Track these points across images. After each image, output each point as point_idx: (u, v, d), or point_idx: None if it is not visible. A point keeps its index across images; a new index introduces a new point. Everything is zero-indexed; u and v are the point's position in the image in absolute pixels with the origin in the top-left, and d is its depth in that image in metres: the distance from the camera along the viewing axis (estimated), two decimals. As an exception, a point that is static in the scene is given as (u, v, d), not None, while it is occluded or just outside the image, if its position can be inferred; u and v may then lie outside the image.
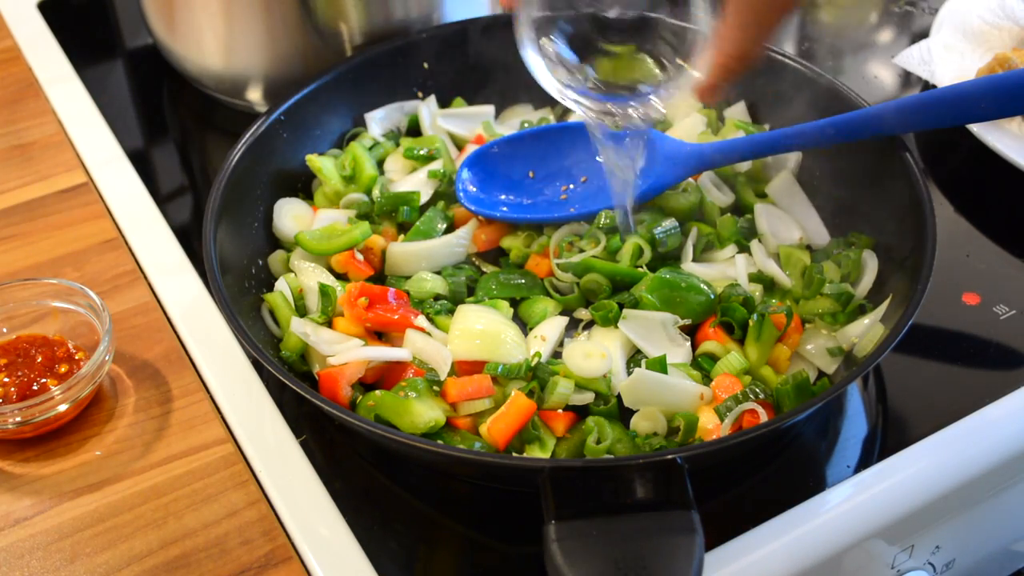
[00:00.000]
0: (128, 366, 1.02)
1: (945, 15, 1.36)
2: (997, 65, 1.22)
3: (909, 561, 0.97)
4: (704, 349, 0.98)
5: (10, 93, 1.35)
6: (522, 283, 1.05)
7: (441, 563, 0.90)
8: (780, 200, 1.11)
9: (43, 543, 0.89)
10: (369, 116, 1.19)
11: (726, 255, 1.06)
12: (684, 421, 0.91)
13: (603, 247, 1.04)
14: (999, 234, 1.14)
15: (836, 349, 0.98)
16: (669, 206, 1.08)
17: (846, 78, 1.36)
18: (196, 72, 1.28)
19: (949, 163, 1.24)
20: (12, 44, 1.42)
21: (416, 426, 0.90)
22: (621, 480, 0.78)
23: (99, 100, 1.32)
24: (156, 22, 1.28)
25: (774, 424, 0.84)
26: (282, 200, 1.11)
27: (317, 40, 1.21)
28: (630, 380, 0.93)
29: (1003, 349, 1.02)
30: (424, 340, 0.97)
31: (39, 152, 1.26)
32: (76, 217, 1.17)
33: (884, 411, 0.98)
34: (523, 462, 0.85)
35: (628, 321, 0.98)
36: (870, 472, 0.92)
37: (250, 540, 0.89)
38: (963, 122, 1.00)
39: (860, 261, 1.03)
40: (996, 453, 0.94)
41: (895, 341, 0.86)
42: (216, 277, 0.95)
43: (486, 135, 1.18)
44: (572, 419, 0.94)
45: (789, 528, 0.88)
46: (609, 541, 0.74)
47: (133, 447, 0.96)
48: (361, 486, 0.93)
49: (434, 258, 1.07)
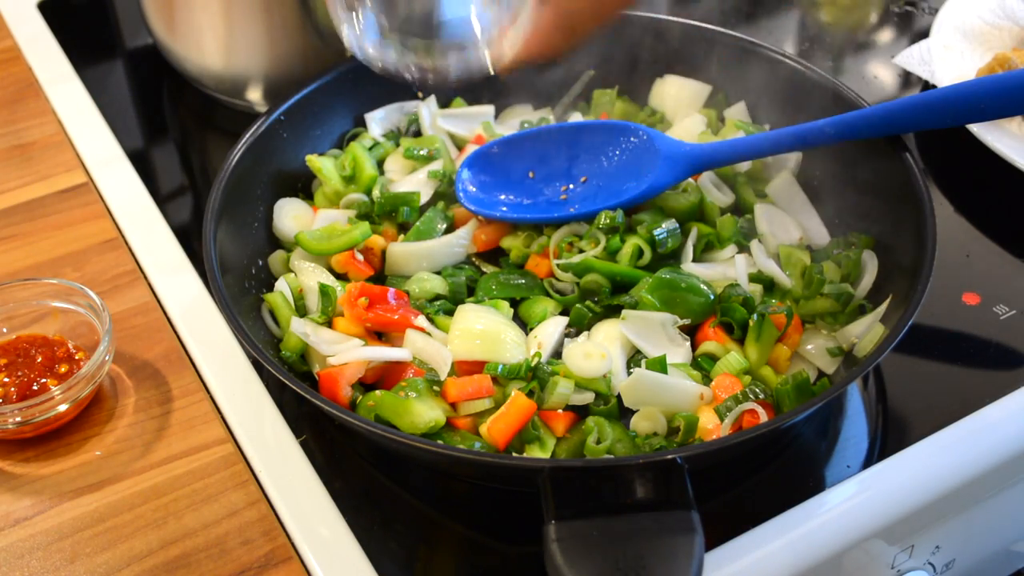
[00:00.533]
0: (128, 366, 1.02)
1: (945, 15, 1.36)
2: (997, 65, 1.22)
3: (909, 561, 0.97)
4: (704, 349, 0.98)
5: (10, 93, 1.35)
6: (522, 283, 1.05)
7: (441, 563, 0.90)
8: (780, 200, 1.11)
9: (43, 543, 0.89)
10: (369, 116, 1.19)
11: (726, 255, 1.06)
12: (684, 421, 0.91)
13: (603, 247, 1.04)
14: (999, 234, 1.14)
15: (836, 349, 0.98)
16: (669, 206, 1.08)
17: (846, 78, 1.36)
18: (196, 72, 1.28)
19: (949, 163, 1.24)
20: (12, 44, 1.42)
21: (416, 426, 0.90)
22: (621, 480, 0.78)
23: (99, 100, 1.32)
24: (156, 22, 1.28)
25: (774, 424, 0.84)
26: (282, 200, 1.11)
27: (317, 40, 1.21)
28: (630, 380, 0.93)
29: (1003, 349, 1.02)
30: (424, 340, 0.97)
31: (39, 152, 1.26)
32: (76, 217, 1.17)
33: (884, 411, 0.98)
34: (523, 462, 0.85)
35: (628, 322, 0.98)
36: (870, 472, 0.92)
37: (250, 540, 0.89)
38: (963, 122, 1.01)
39: (860, 261, 1.03)
40: (996, 453, 0.94)
41: (895, 341, 0.86)
42: (216, 277, 0.95)
43: (486, 135, 1.18)
44: (572, 419, 0.94)
45: (789, 528, 0.88)
46: (609, 541, 0.74)
47: (133, 447, 0.96)
48: (361, 486, 0.93)
49: (434, 258, 1.07)
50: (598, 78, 1.23)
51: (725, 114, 1.18)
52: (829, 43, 1.45)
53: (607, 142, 1.11)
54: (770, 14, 1.50)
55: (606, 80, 1.23)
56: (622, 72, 1.22)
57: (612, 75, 1.23)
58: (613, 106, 1.21)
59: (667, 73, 1.21)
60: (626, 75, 1.22)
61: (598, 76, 1.23)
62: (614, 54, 1.21)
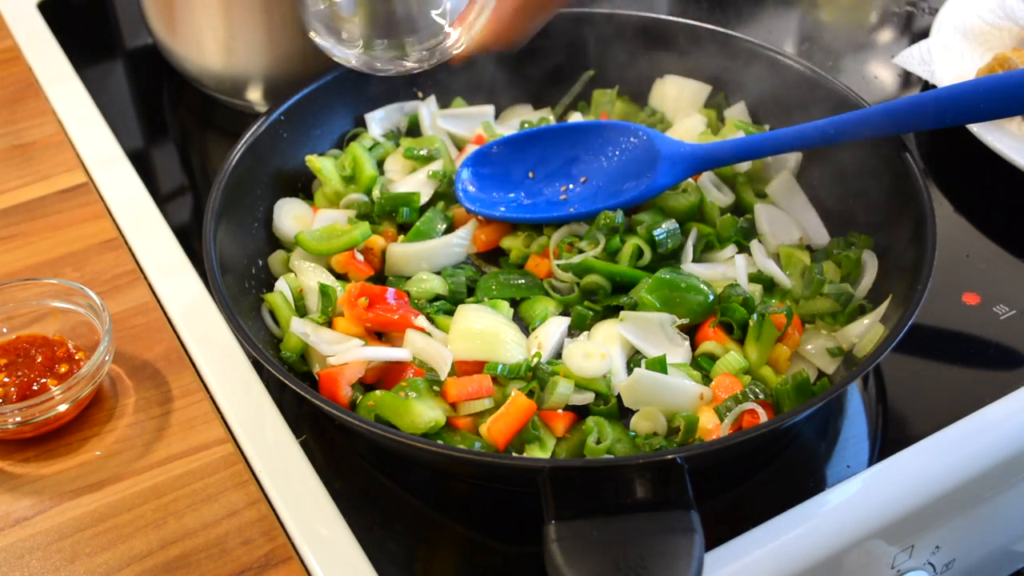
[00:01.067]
0: (128, 366, 1.02)
1: (945, 15, 1.36)
2: (997, 65, 1.22)
3: (909, 561, 0.97)
4: (704, 349, 0.98)
5: (10, 93, 1.35)
6: (522, 283, 1.05)
7: (441, 563, 0.90)
8: (780, 200, 1.11)
9: (43, 543, 0.89)
10: (369, 116, 1.19)
11: (726, 255, 1.06)
12: (684, 421, 0.91)
13: (602, 248, 1.04)
14: (999, 234, 1.14)
15: (836, 349, 0.98)
16: (669, 206, 1.08)
17: (846, 78, 1.36)
18: (196, 72, 1.28)
19: (949, 163, 1.24)
20: (12, 44, 1.42)
21: (416, 426, 0.90)
22: (621, 480, 0.78)
23: (99, 100, 1.32)
24: (156, 22, 1.28)
25: (774, 424, 0.84)
26: (282, 200, 1.11)
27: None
28: (630, 380, 0.93)
29: (1003, 349, 1.02)
30: (424, 340, 0.97)
31: (39, 152, 1.26)
32: (76, 217, 1.17)
33: (884, 411, 0.98)
34: (523, 462, 0.85)
35: (626, 323, 0.98)
36: (870, 472, 0.92)
37: (250, 540, 0.89)
38: (962, 122, 1.01)
39: (860, 261, 1.03)
40: (996, 453, 0.94)
41: (895, 341, 0.86)
42: (216, 277, 0.95)
43: (486, 135, 1.18)
44: (572, 419, 0.94)
45: (789, 528, 0.88)
46: (609, 541, 0.74)
47: (133, 447, 0.96)
48: (361, 486, 0.93)
49: (433, 258, 1.07)
50: (598, 78, 1.23)
51: (725, 114, 1.18)
52: (829, 43, 1.45)
53: (607, 142, 1.11)
54: (770, 14, 1.50)
55: (606, 80, 1.23)
56: (622, 72, 1.22)
57: (612, 75, 1.23)
58: (613, 106, 1.21)
59: (667, 73, 1.21)
60: (626, 75, 1.22)
61: (598, 76, 1.23)
62: (614, 54, 1.21)
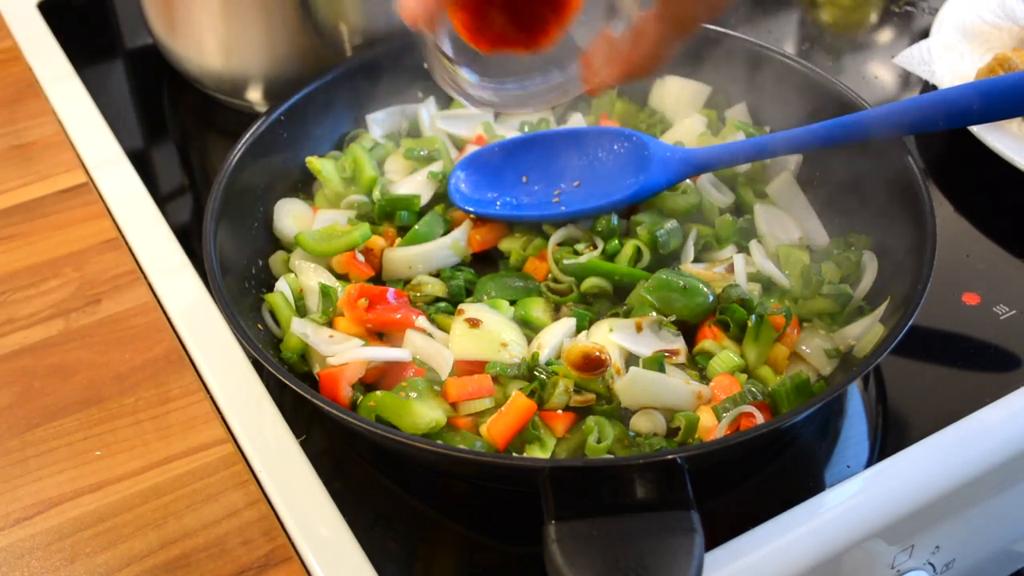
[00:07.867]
0: (128, 366, 1.02)
1: (945, 15, 1.36)
2: (997, 65, 1.22)
3: (909, 561, 0.97)
4: (701, 348, 0.98)
5: (10, 93, 1.35)
6: (520, 286, 1.05)
7: (441, 563, 0.90)
8: (780, 201, 1.11)
9: (43, 543, 0.89)
10: (370, 118, 1.19)
11: (725, 256, 1.06)
12: (684, 421, 0.91)
13: (600, 251, 1.04)
14: (999, 234, 1.14)
15: (833, 351, 0.97)
16: (668, 207, 1.08)
17: (846, 78, 1.36)
18: (196, 72, 1.28)
19: (949, 163, 1.24)
20: (12, 44, 1.42)
21: (417, 426, 0.90)
22: (621, 480, 0.78)
23: (99, 100, 1.32)
24: (156, 22, 1.28)
25: (775, 424, 0.84)
26: (282, 200, 1.11)
27: (317, 40, 1.21)
28: (626, 379, 0.93)
29: (1003, 349, 1.02)
30: (424, 340, 0.97)
31: (39, 152, 1.26)
32: (76, 217, 1.17)
33: (884, 412, 0.98)
34: (523, 462, 0.85)
35: (616, 332, 0.98)
36: (870, 472, 0.92)
37: (250, 540, 0.89)
38: (959, 125, 1.01)
39: (860, 262, 1.03)
40: (996, 453, 0.94)
41: (895, 341, 0.86)
42: (216, 277, 0.95)
43: (486, 136, 1.18)
44: (572, 419, 0.94)
45: (789, 528, 0.88)
46: (609, 541, 0.74)
47: (133, 447, 0.96)
48: (361, 486, 0.93)
49: (429, 261, 1.07)
50: (598, 78, 1.23)
51: (726, 115, 1.18)
52: (829, 43, 1.45)
53: (601, 147, 1.11)
54: (770, 14, 1.50)
55: (606, 80, 1.23)
56: (622, 72, 1.22)
57: (612, 75, 1.22)
58: (613, 106, 1.21)
59: (667, 73, 1.21)
60: (626, 75, 1.22)
61: (598, 76, 1.23)
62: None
